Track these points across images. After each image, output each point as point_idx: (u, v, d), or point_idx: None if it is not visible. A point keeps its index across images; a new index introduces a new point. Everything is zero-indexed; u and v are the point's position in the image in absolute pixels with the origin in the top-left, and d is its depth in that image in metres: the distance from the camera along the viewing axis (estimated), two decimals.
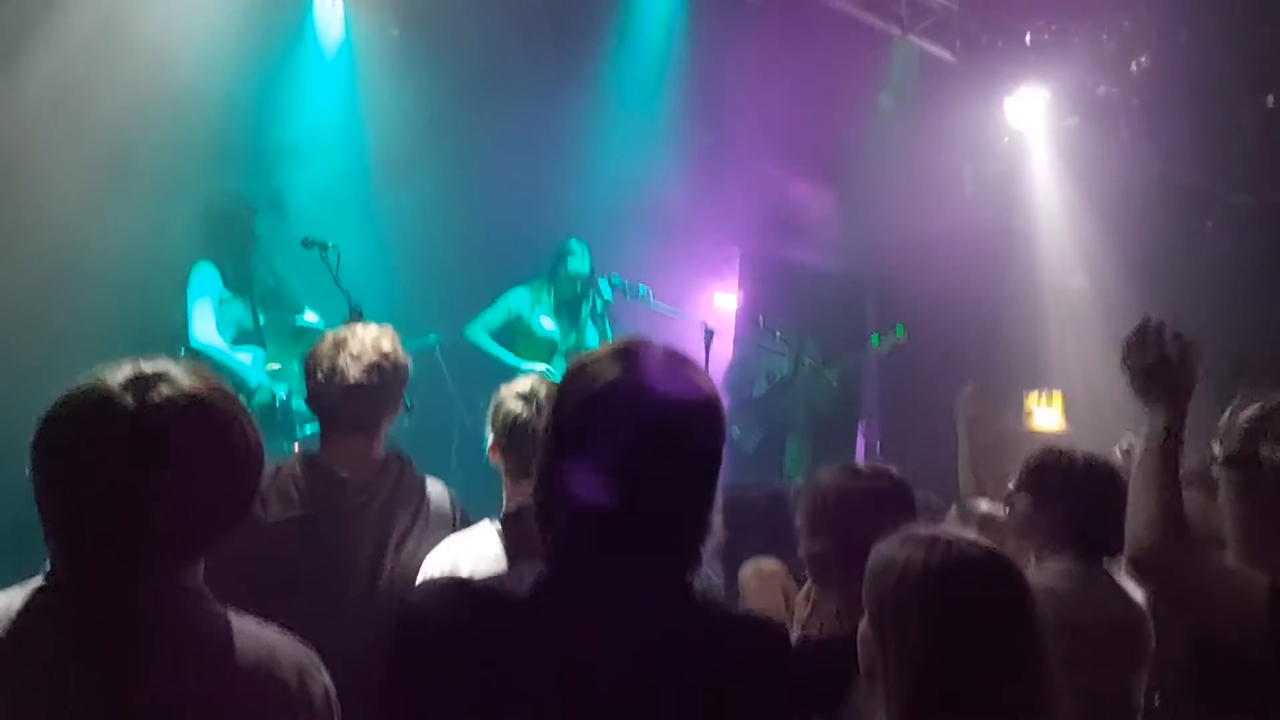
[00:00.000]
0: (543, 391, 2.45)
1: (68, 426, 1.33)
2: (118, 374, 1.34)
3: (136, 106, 4.61)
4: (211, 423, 1.35)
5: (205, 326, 4.40)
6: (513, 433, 2.44)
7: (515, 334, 5.55)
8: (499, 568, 2.26)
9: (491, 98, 5.93)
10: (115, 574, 1.32)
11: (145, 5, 4.73)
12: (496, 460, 2.51)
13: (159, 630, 1.32)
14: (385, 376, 2.51)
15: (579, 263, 5.53)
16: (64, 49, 4.53)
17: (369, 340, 2.53)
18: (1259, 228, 7.00)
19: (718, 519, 3.26)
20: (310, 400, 2.61)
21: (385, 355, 2.51)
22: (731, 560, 3.01)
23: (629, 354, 1.35)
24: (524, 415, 2.43)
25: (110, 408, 1.31)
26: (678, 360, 1.38)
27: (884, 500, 2.20)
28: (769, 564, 2.78)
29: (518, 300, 5.55)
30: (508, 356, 5.42)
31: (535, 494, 1.39)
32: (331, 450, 2.54)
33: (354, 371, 2.47)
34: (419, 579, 2.39)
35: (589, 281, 5.51)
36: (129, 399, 1.31)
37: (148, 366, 1.36)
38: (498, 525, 2.42)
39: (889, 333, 6.92)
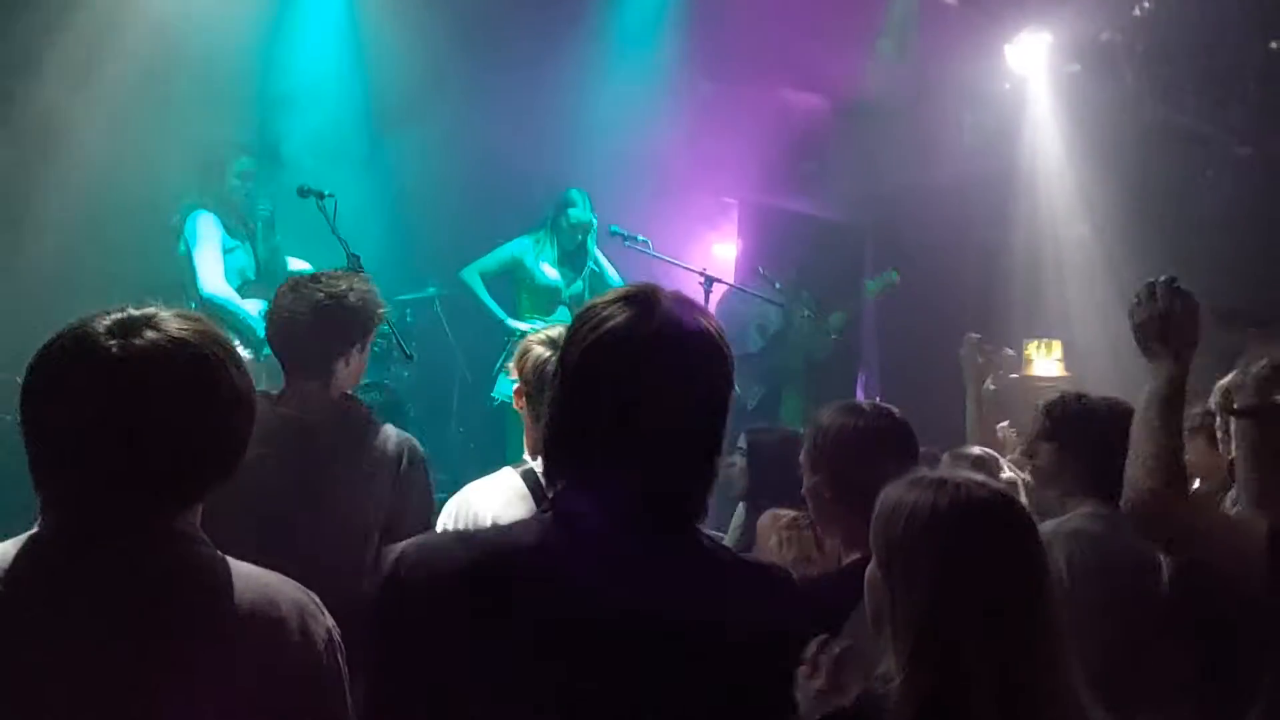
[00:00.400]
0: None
1: (52, 370, 1.32)
2: (104, 319, 1.34)
3: (135, 56, 4.57)
4: (196, 365, 1.34)
5: (212, 275, 4.35)
6: (541, 376, 2.40)
7: (518, 283, 5.51)
8: (519, 512, 2.27)
9: (490, 48, 5.88)
10: (105, 521, 1.31)
11: None
12: (521, 406, 2.49)
13: (154, 575, 1.32)
14: (328, 315, 2.50)
15: (580, 212, 5.50)
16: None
17: (322, 281, 2.55)
18: (1260, 175, 6.97)
19: (741, 463, 3.26)
20: (269, 341, 2.65)
21: (332, 294, 2.51)
22: (753, 505, 3.04)
23: (640, 298, 1.35)
24: (549, 357, 2.40)
25: (94, 351, 1.30)
26: (687, 305, 1.38)
27: (884, 438, 2.20)
28: (786, 513, 2.80)
29: (520, 248, 5.51)
30: (494, 308, 5.39)
31: (543, 435, 1.39)
32: (290, 391, 2.57)
33: (299, 310, 2.50)
34: (438, 523, 2.42)
35: (590, 230, 5.48)
36: (112, 342, 1.31)
37: (135, 311, 1.36)
38: (520, 470, 2.42)
39: (882, 275, 6.91)
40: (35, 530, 1.34)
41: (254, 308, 4.55)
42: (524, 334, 5.08)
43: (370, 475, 2.46)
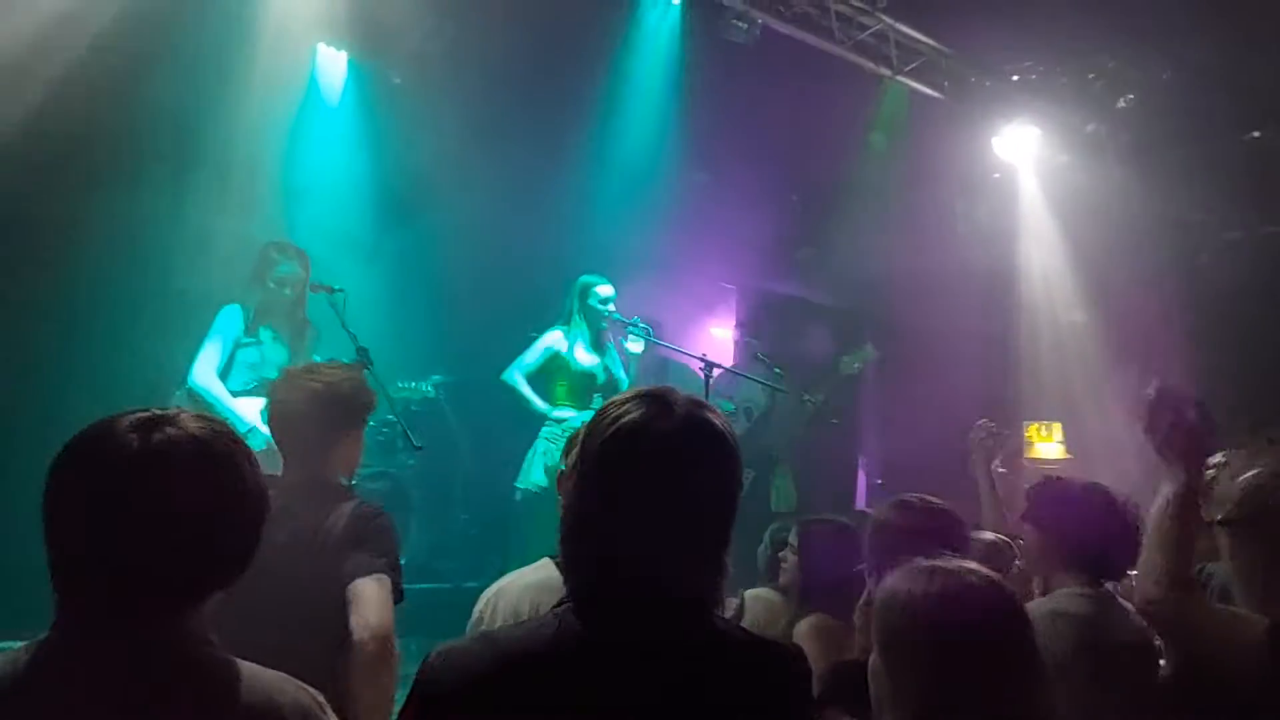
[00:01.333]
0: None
1: (73, 463, 1.36)
2: (126, 416, 1.38)
3: (152, 162, 4.70)
4: (213, 461, 1.38)
5: (205, 369, 4.35)
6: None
7: (553, 373, 5.51)
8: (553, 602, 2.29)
9: (491, 144, 6.02)
10: (117, 619, 1.32)
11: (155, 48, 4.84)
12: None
13: (163, 675, 1.33)
14: (321, 407, 2.58)
15: (604, 298, 5.56)
16: (79, 106, 4.61)
17: (317, 373, 2.66)
18: (1250, 259, 7.09)
19: (793, 559, 3.21)
20: (269, 429, 2.71)
21: (327, 385, 2.60)
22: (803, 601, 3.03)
23: (657, 396, 1.42)
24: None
25: (114, 444, 1.34)
26: (699, 405, 1.43)
27: (921, 533, 2.19)
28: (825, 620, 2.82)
29: (554, 341, 5.53)
30: (538, 405, 5.39)
31: (561, 530, 1.43)
32: (283, 478, 2.61)
33: (292, 400, 2.60)
34: (474, 611, 2.45)
35: (611, 314, 5.54)
36: (133, 437, 1.35)
37: (158, 410, 1.40)
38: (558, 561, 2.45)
39: (857, 351, 6.96)
40: (50, 630, 1.35)
41: (254, 405, 4.55)
42: (565, 422, 5.17)
43: (333, 545, 2.46)
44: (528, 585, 2.43)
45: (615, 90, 6.75)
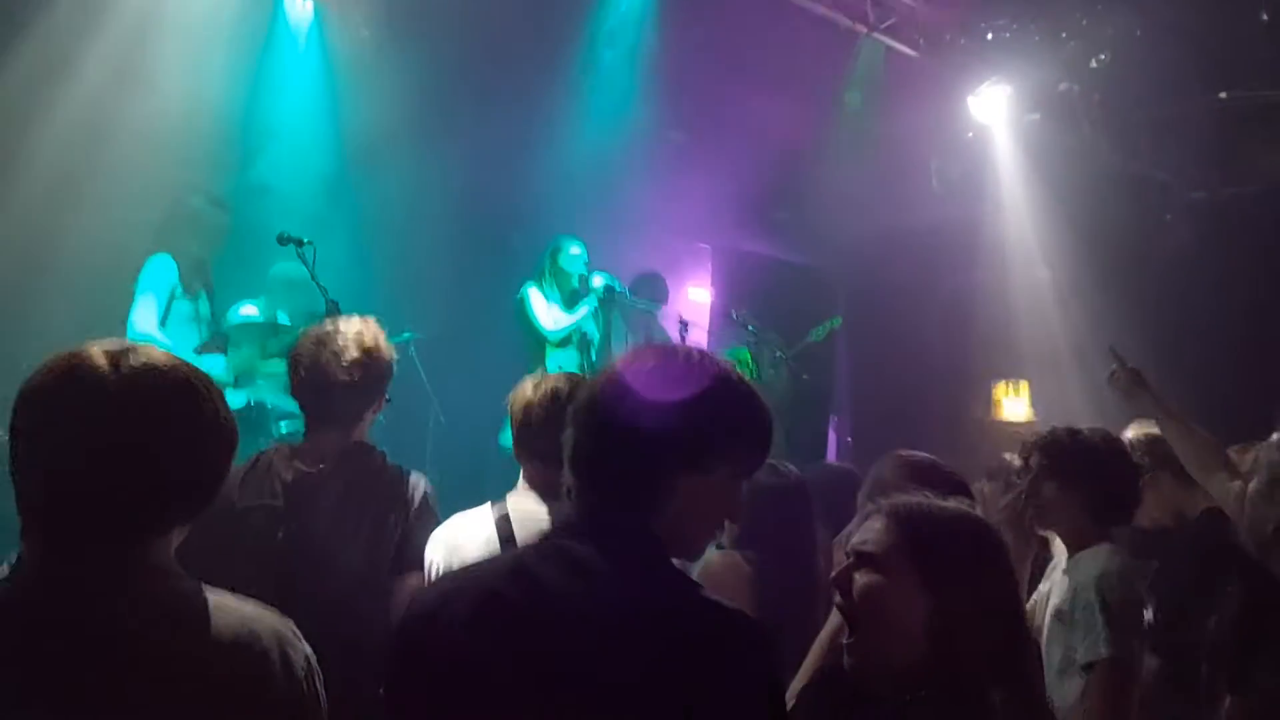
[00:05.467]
0: (559, 381, 2.51)
1: (45, 389, 1.35)
2: (95, 345, 1.37)
3: (108, 105, 4.60)
4: (185, 394, 1.38)
5: (145, 317, 4.29)
6: (524, 414, 2.49)
7: (529, 333, 5.53)
8: (492, 551, 2.33)
9: (461, 99, 5.96)
10: (81, 548, 1.32)
11: (119, 5, 4.72)
12: (515, 443, 2.58)
13: (134, 604, 1.32)
14: (367, 372, 2.54)
15: (569, 257, 5.59)
16: (42, 48, 4.50)
17: (351, 335, 2.56)
18: (1214, 220, 7.17)
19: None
20: (294, 394, 2.65)
21: (367, 351, 2.55)
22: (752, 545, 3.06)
23: (626, 357, 1.51)
24: (537, 400, 2.47)
25: (88, 371, 1.33)
26: (658, 364, 1.48)
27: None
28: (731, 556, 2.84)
29: (526, 294, 5.56)
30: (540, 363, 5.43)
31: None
32: (311, 442, 2.59)
33: (335, 368, 2.51)
34: (426, 558, 2.46)
35: (587, 278, 5.57)
36: (104, 364, 1.34)
37: (125, 343, 1.40)
38: (497, 515, 2.47)
39: (824, 323, 7.03)
40: (14, 559, 1.34)
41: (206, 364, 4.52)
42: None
43: (380, 522, 2.48)
44: (453, 543, 2.45)
45: (589, 48, 6.69)
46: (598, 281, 5.66)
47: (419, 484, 2.60)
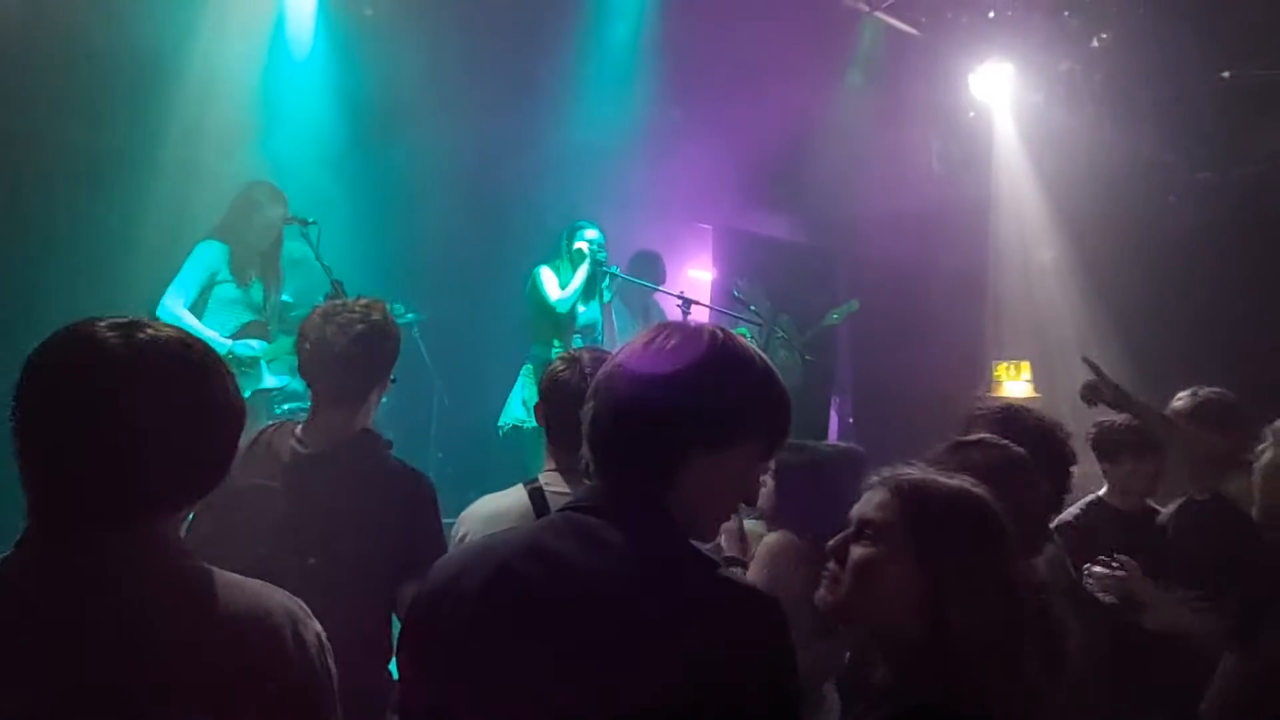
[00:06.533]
0: (586, 356, 2.49)
1: (50, 361, 1.32)
2: (105, 319, 1.35)
3: (117, 84, 4.59)
4: (192, 367, 1.36)
5: (173, 298, 4.28)
6: (553, 389, 2.47)
7: (536, 307, 5.51)
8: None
9: (464, 78, 5.93)
10: (93, 527, 1.30)
11: None
12: (541, 420, 2.55)
13: (142, 583, 1.30)
14: (372, 348, 2.51)
15: (589, 242, 5.54)
16: (51, 33, 4.49)
17: (358, 311, 2.53)
18: (1219, 200, 7.15)
19: (769, 484, 3.30)
20: (300, 372, 2.63)
21: (373, 326, 2.51)
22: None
23: (644, 334, 1.50)
24: (565, 375, 2.45)
25: (95, 343, 1.31)
26: (680, 341, 1.46)
27: None
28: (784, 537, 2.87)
29: (539, 273, 5.51)
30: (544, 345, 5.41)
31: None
32: (315, 421, 2.56)
33: (340, 343, 2.48)
34: (457, 533, 2.45)
35: (602, 263, 5.53)
36: (113, 336, 1.32)
37: (135, 318, 1.38)
38: (529, 488, 2.46)
39: (843, 305, 7.05)
40: (20, 538, 1.33)
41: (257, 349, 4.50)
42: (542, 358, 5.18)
43: (380, 511, 2.44)
44: (490, 514, 2.44)
45: (591, 27, 6.66)
46: (591, 235, 5.56)
47: (421, 481, 2.57)
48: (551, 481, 2.46)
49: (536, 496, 2.41)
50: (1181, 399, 3.57)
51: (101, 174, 4.68)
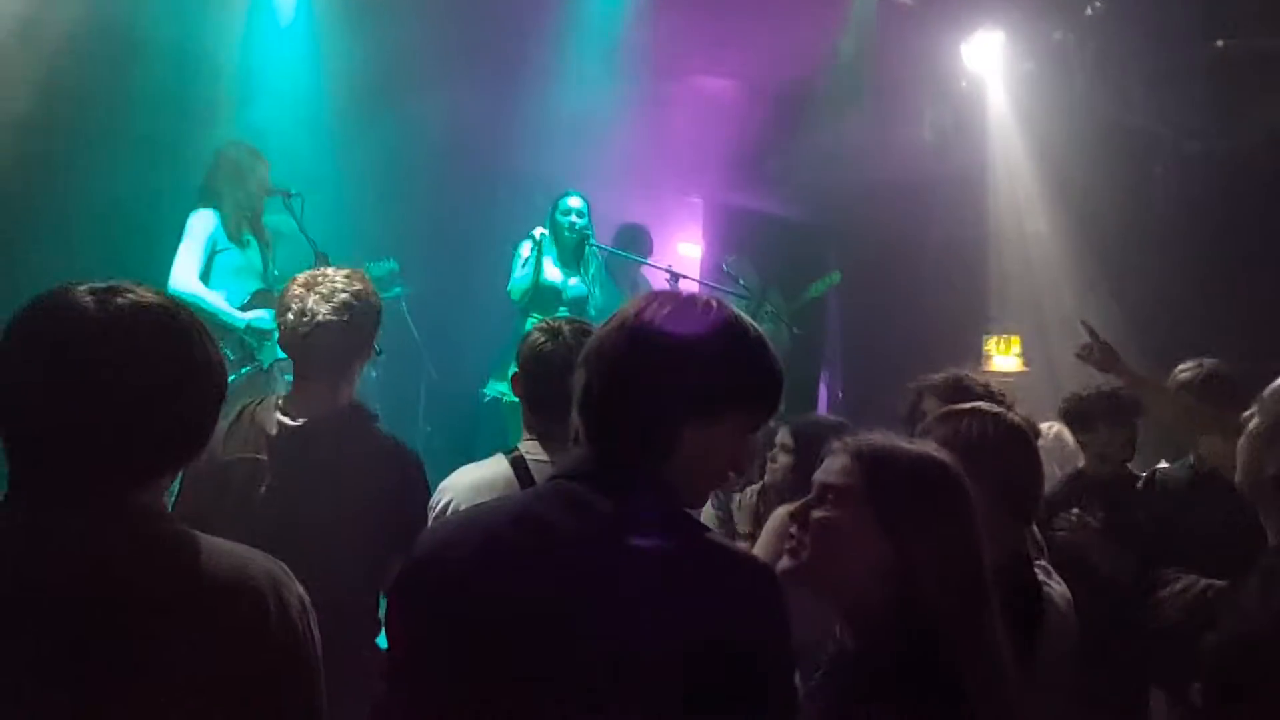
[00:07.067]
0: (566, 328, 2.46)
1: (28, 326, 1.32)
2: (84, 284, 1.34)
3: (96, 59, 4.51)
4: (171, 330, 1.34)
5: (183, 271, 4.21)
6: (532, 360, 2.45)
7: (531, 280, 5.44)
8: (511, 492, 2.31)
9: (452, 47, 5.88)
10: (75, 493, 1.30)
11: None
12: (518, 391, 2.53)
13: (125, 549, 1.30)
14: (354, 316, 2.49)
15: (568, 210, 5.48)
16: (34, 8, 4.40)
17: (339, 280, 2.52)
18: (1208, 173, 7.13)
19: (786, 459, 3.25)
20: (280, 342, 2.61)
21: (355, 295, 2.50)
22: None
23: (635, 303, 1.48)
24: (545, 345, 2.43)
25: (72, 307, 1.30)
26: (672, 310, 1.45)
27: None
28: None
29: (525, 250, 5.43)
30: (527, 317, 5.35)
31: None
32: (298, 393, 2.56)
33: (322, 311, 2.46)
34: (433, 501, 2.44)
35: (589, 235, 5.47)
36: (90, 300, 1.31)
37: (108, 282, 1.36)
38: (510, 457, 2.44)
39: (823, 278, 7.02)
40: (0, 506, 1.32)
41: (259, 312, 4.41)
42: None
43: (366, 484, 2.43)
44: (473, 483, 2.42)
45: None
46: (574, 203, 5.49)
47: (408, 456, 2.56)
48: (532, 450, 2.44)
49: (519, 465, 2.40)
50: (1186, 369, 3.58)
51: (77, 150, 4.60)
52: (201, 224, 4.30)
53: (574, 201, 5.50)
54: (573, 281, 5.47)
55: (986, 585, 1.57)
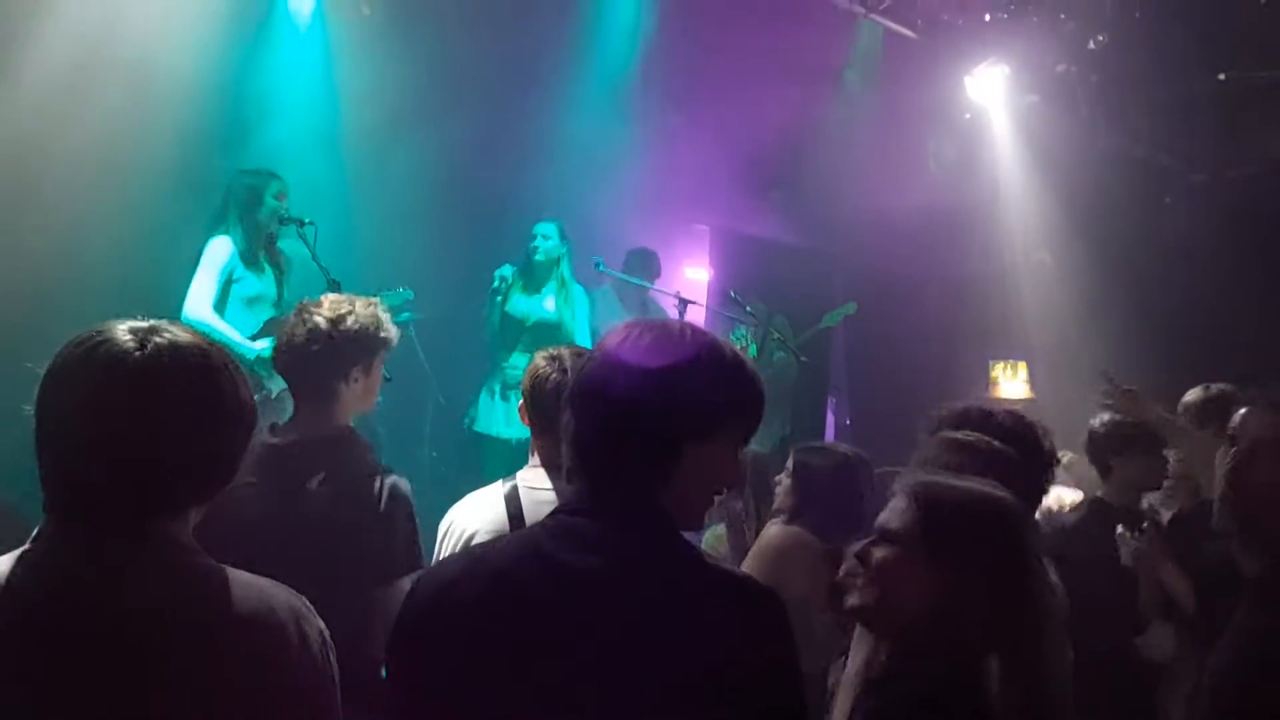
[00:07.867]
0: (568, 355, 2.50)
1: (69, 366, 1.36)
2: (121, 323, 1.40)
3: (116, 91, 4.58)
4: (207, 371, 1.40)
5: (197, 300, 4.23)
6: (536, 389, 2.49)
7: (495, 309, 5.48)
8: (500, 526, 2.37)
9: (461, 79, 5.94)
10: (102, 524, 1.33)
11: None
12: (526, 420, 2.56)
13: (156, 582, 1.33)
14: (330, 340, 2.48)
15: (540, 242, 5.49)
16: (52, 39, 4.48)
17: (327, 305, 2.54)
18: (1215, 202, 7.16)
19: (786, 483, 3.28)
20: (273, 366, 2.65)
21: (334, 320, 2.50)
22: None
23: (614, 334, 1.51)
24: (550, 374, 2.47)
25: (113, 347, 1.35)
26: (653, 338, 1.47)
27: None
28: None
29: (498, 280, 5.46)
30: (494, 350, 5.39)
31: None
32: (295, 416, 2.57)
33: (299, 334, 2.50)
34: (441, 527, 2.47)
35: (561, 260, 5.49)
36: (130, 340, 1.37)
37: (149, 321, 1.42)
38: (506, 489, 2.48)
39: (839, 308, 7.06)
40: (35, 534, 1.36)
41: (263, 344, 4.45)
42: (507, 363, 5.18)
43: (351, 512, 2.40)
44: (475, 510, 2.47)
45: (590, 30, 6.67)
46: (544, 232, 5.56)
47: (396, 484, 2.49)
48: (533, 479, 2.48)
49: (511, 496, 2.44)
50: (1193, 395, 3.62)
51: (107, 179, 4.66)
52: (218, 251, 4.30)
53: (543, 227, 5.52)
54: (549, 304, 5.46)
55: (1036, 618, 1.61)
